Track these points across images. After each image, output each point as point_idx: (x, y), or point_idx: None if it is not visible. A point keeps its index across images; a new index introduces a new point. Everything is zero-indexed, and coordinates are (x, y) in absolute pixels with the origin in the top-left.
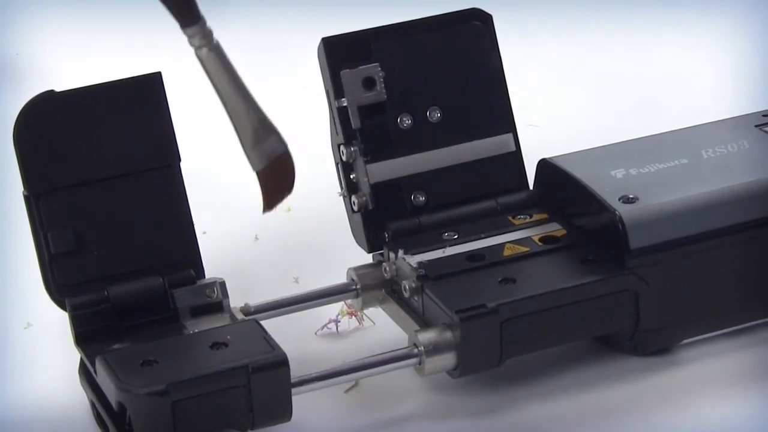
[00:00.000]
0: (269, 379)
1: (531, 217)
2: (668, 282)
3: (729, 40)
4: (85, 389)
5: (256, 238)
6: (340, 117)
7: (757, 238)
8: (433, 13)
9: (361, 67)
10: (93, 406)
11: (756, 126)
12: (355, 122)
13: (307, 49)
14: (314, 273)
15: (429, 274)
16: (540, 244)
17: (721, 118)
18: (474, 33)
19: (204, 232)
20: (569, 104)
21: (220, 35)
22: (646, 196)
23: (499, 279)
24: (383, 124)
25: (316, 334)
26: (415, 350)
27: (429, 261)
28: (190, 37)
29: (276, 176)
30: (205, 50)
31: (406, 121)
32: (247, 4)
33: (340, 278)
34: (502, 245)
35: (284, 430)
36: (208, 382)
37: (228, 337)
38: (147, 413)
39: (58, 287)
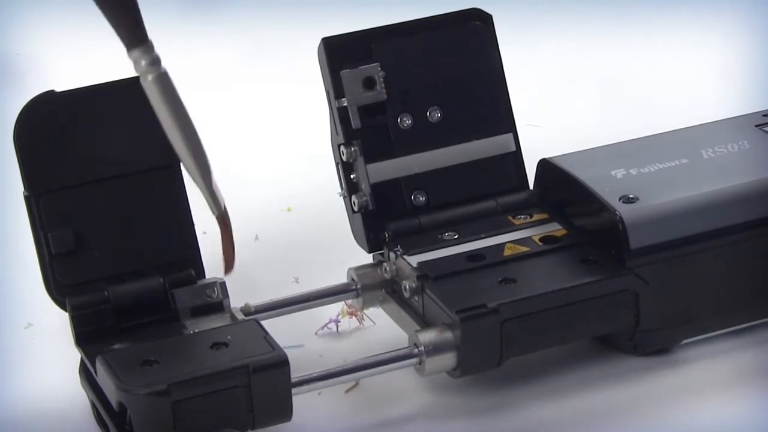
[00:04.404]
0: (269, 379)
1: (531, 217)
2: (668, 282)
3: (729, 40)
4: (85, 389)
5: (256, 238)
6: (341, 117)
7: (757, 238)
8: (433, 13)
9: (361, 67)
10: (93, 406)
11: (756, 126)
12: (355, 122)
13: (307, 49)
14: (314, 273)
15: (429, 274)
16: (540, 244)
17: (721, 118)
18: (474, 33)
19: (204, 232)
20: (569, 104)
21: (221, 35)
22: (646, 196)
23: (500, 279)
24: (383, 124)
25: (316, 334)
26: (416, 350)
27: (429, 261)
28: (135, 61)
29: (229, 229)
30: (149, 78)
31: (407, 121)
32: (247, 4)
33: (340, 278)
34: (502, 245)
35: (284, 430)
36: (208, 382)
37: (228, 337)
38: (147, 413)
39: (59, 287)
